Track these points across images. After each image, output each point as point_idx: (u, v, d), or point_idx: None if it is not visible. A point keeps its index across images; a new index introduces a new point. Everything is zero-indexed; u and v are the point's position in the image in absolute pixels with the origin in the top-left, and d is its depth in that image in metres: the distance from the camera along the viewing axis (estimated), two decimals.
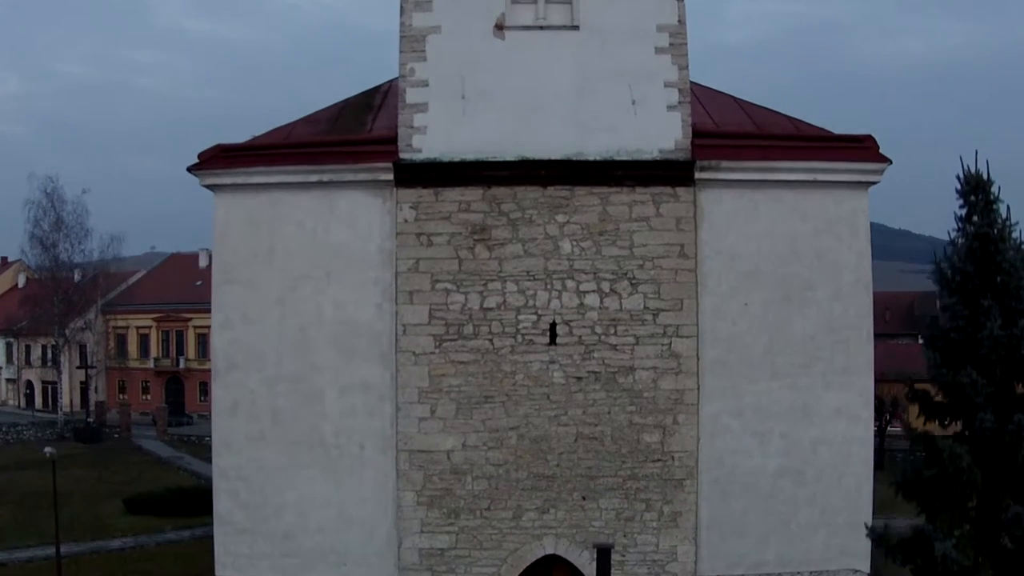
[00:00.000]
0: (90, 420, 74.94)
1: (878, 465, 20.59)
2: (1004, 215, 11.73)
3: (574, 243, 19.02)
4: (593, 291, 19.00)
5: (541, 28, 19.23)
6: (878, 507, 19.54)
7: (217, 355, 19.84)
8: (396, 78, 19.93)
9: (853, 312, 19.34)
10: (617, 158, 18.99)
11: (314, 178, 19.40)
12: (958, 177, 12.11)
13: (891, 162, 19.50)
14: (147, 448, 65.76)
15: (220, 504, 19.75)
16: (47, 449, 34.41)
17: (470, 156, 18.99)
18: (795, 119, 20.84)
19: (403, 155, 19.09)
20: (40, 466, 56.20)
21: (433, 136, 19.08)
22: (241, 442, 19.54)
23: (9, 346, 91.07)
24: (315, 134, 20.38)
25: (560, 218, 19.03)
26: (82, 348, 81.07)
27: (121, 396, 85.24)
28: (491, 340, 18.98)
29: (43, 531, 35.83)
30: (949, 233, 12.43)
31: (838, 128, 20.36)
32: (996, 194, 11.86)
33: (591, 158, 18.98)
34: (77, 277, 76.96)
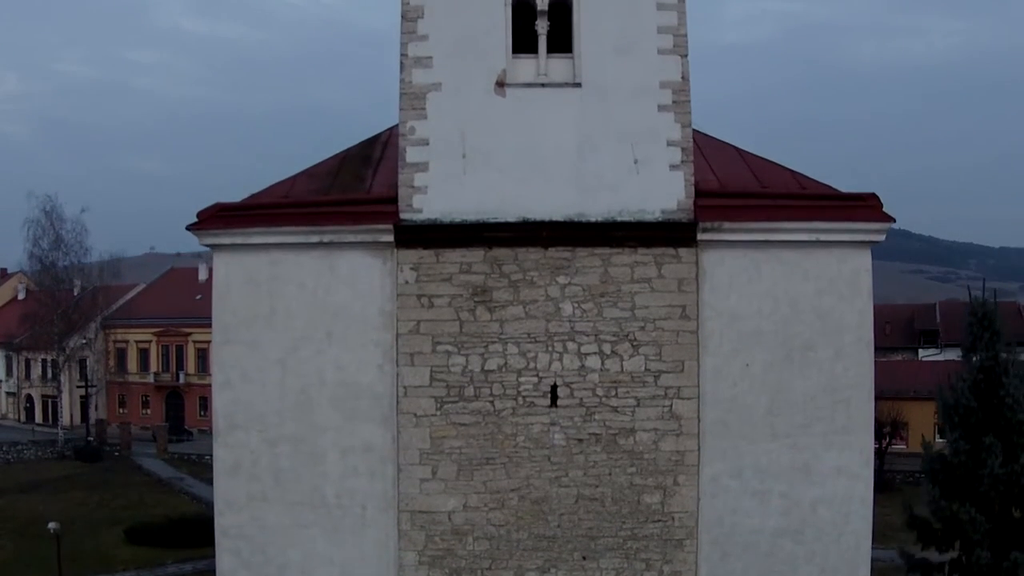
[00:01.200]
0: (90, 439, 74.97)
1: (878, 488, 20.47)
2: (1008, 348, 11.70)
3: (575, 305, 18.99)
4: (594, 353, 18.96)
5: (543, 85, 19.20)
6: (877, 536, 19.56)
7: (218, 415, 19.77)
8: (395, 126, 19.89)
9: (854, 372, 19.24)
10: (619, 219, 18.94)
11: (314, 239, 19.35)
12: (965, 307, 12.09)
13: (894, 220, 19.48)
14: (147, 468, 65.93)
15: (223, 563, 19.70)
16: (51, 525, 34.71)
17: (471, 217, 18.95)
18: (798, 174, 20.75)
19: (403, 216, 19.06)
20: (41, 490, 56.56)
21: (434, 196, 19.03)
22: (243, 501, 19.49)
23: (9, 360, 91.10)
24: (314, 192, 20.30)
25: (561, 280, 19.00)
26: (82, 363, 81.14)
27: (121, 410, 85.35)
28: (492, 402, 18.96)
29: (45, 564, 35.94)
30: (957, 372, 12.41)
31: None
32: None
33: (593, 219, 18.94)
34: (77, 291, 76.98)
